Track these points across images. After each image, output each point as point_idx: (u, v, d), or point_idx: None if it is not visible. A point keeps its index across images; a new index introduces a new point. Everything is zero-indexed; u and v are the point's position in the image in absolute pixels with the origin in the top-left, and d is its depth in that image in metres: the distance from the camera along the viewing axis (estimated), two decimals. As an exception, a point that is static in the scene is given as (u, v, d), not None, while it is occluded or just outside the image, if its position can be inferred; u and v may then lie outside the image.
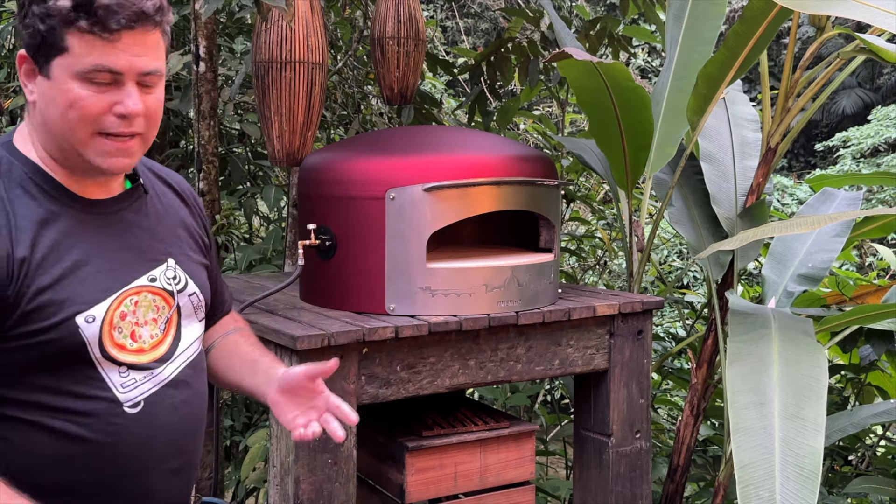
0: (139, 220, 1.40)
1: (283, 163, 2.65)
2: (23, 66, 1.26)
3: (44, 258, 1.23)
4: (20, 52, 1.25)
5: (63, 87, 1.23)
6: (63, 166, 1.31)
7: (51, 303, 1.22)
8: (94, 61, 1.22)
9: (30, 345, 1.22)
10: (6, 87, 3.62)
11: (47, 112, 1.25)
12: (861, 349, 3.32)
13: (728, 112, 3.31)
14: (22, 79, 1.27)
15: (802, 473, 1.90)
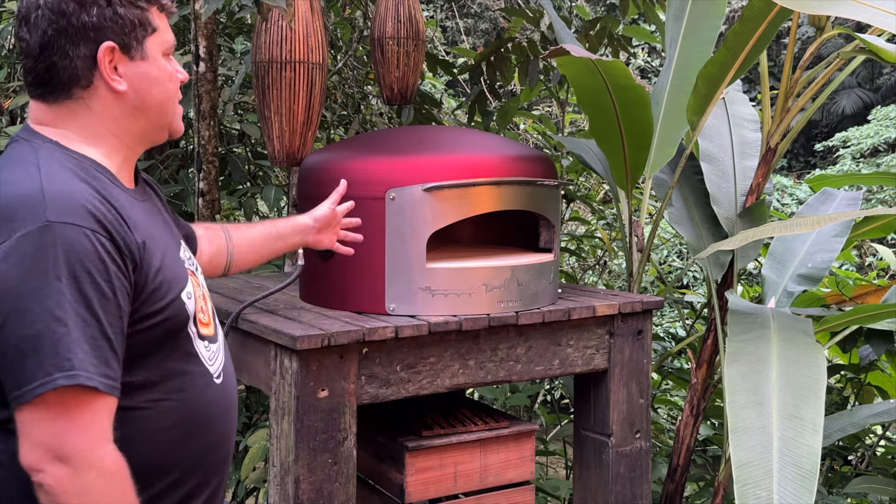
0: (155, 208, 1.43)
1: (283, 163, 2.65)
2: (109, 60, 1.25)
3: (147, 242, 1.25)
4: (106, 45, 1.24)
5: (160, 64, 1.31)
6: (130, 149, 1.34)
7: (164, 282, 1.26)
8: (170, 38, 1.33)
9: (151, 326, 1.23)
10: (6, 87, 3.62)
11: (150, 92, 1.30)
12: (861, 349, 3.33)
13: (728, 112, 3.31)
14: (107, 73, 1.26)
15: (800, 473, 1.90)
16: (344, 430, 2.05)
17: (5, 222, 1.11)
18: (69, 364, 1.06)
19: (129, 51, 1.26)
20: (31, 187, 1.14)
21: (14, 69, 3.70)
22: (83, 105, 1.27)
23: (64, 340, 1.07)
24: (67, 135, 1.27)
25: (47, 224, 1.10)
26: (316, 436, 2.00)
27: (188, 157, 3.90)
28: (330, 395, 2.02)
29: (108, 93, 1.27)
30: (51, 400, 1.07)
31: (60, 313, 1.07)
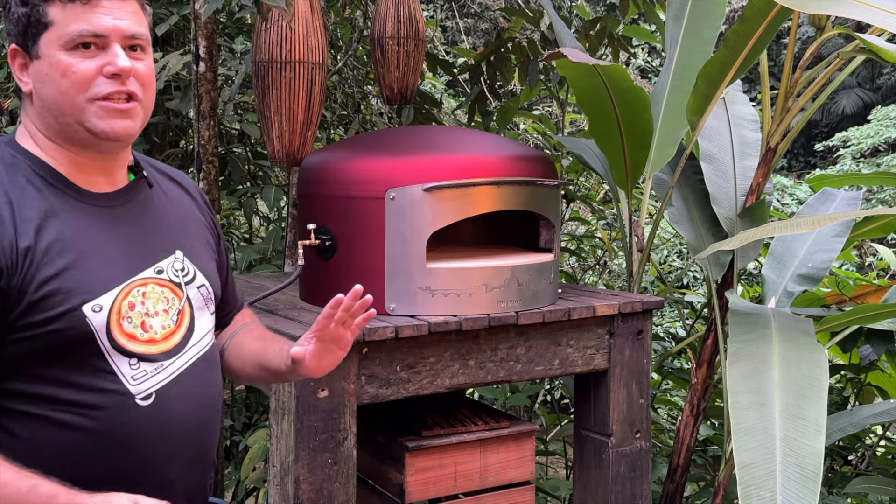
0: (145, 213, 1.41)
1: (283, 163, 2.65)
2: (15, 61, 1.28)
3: (48, 248, 1.23)
4: (10, 47, 1.27)
5: (53, 60, 1.25)
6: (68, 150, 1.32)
7: (57, 292, 1.22)
8: (78, 27, 1.25)
9: (37, 335, 1.21)
10: (6, 87, 3.62)
11: (44, 90, 1.27)
12: (861, 349, 3.32)
13: (728, 112, 3.31)
14: (17, 74, 1.29)
15: (803, 473, 1.90)
16: (344, 430, 2.05)
17: None
18: None
19: (28, 50, 1.27)
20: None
21: (14, 69, 3.70)
22: (23, 106, 1.33)
23: None
24: (23, 132, 1.33)
25: None
26: (316, 436, 2.00)
27: (188, 157, 3.90)
28: (330, 395, 2.02)
29: (26, 94, 1.31)
30: None
31: None
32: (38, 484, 1.16)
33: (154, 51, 3.48)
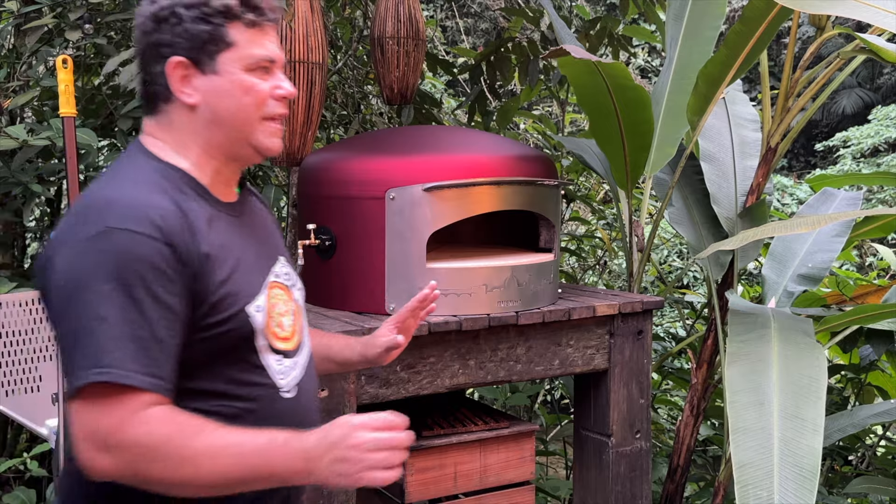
0: (254, 221, 1.47)
1: (283, 163, 2.65)
2: (177, 72, 1.31)
3: (218, 254, 1.29)
4: (173, 59, 1.30)
5: (235, 78, 1.32)
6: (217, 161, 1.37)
7: (228, 295, 1.28)
8: (260, 52, 1.33)
9: (213, 335, 1.26)
10: (6, 87, 3.62)
11: (221, 105, 1.32)
12: (861, 349, 3.32)
13: (728, 112, 3.31)
14: (177, 85, 1.31)
15: (801, 473, 1.90)
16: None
17: (75, 226, 1.20)
18: (108, 361, 1.11)
19: (200, 65, 1.31)
20: (105, 195, 1.23)
21: (14, 69, 3.69)
22: (168, 118, 1.34)
23: (105, 338, 1.12)
24: (161, 146, 1.34)
25: (107, 229, 1.17)
26: (316, 436, 2.00)
27: (188, 156, 3.90)
28: (330, 395, 2.02)
29: (184, 106, 1.33)
30: (92, 393, 1.12)
31: (105, 312, 1.13)
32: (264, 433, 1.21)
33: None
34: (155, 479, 1.15)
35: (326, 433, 1.19)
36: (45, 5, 3.45)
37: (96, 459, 1.14)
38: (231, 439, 1.18)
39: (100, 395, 1.12)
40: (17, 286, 3.09)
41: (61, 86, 2.28)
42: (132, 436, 1.13)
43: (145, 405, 1.14)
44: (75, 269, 1.15)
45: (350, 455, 1.17)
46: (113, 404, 1.12)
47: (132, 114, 3.59)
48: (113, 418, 1.13)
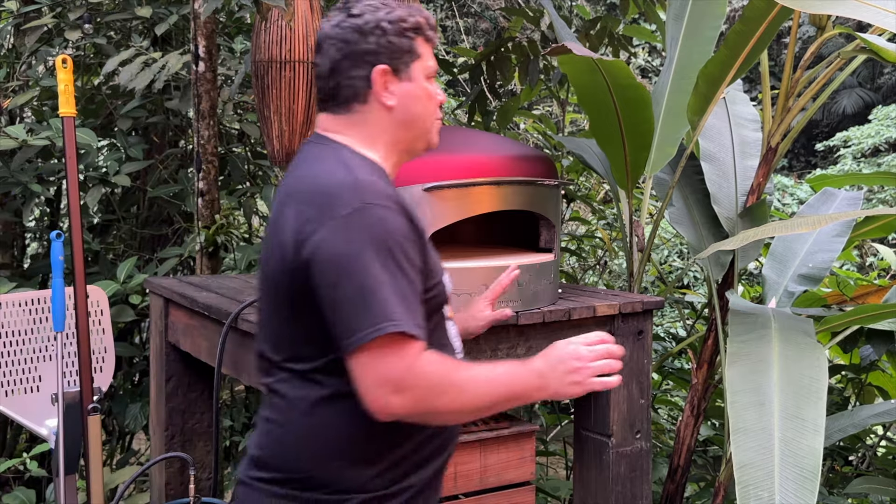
0: None
1: (283, 162, 2.64)
2: (382, 78, 1.47)
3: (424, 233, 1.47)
4: (379, 67, 1.46)
5: (422, 85, 1.51)
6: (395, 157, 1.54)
7: (435, 265, 1.48)
8: (434, 64, 1.55)
9: (426, 300, 1.42)
10: (6, 87, 3.61)
11: (413, 108, 1.51)
12: (861, 349, 3.32)
13: (728, 112, 3.31)
14: (380, 91, 1.47)
15: (802, 474, 1.90)
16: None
17: (331, 205, 1.33)
18: (394, 315, 1.27)
19: (397, 72, 1.48)
20: (348, 177, 1.38)
21: (14, 69, 3.69)
22: (361, 117, 1.49)
23: (386, 296, 1.28)
24: (352, 141, 1.49)
25: (366, 205, 1.33)
26: (315, 436, 2.00)
27: (188, 156, 3.90)
28: (329, 395, 2.01)
29: (380, 107, 1.49)
30: (381, 344, 1.27)
31: (380, 275, 1.29)
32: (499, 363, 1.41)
33: (153, 50, 3.48)
34: (441, 411, 1.32)
35: (549, 353, 1.40)
36: (44, 5, 3.45)
37: (391, 401, 1.28)
38: (483, 370, 1.37)
39: (389, 345, 1.27)
40: (16, 286, 3.09)
41: (61, 86, 2.28)
42: (422, 376, 1.29)
43: (421, 351, 1.31)
44: (345, 242, 1.30)
45: (577, 366, 1.38)
46: (402, 352, 1.28)
47: (132, 114, 3.59)
48: (404, 363, 1.28)
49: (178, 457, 2.45)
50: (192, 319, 2.54)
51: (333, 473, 1.37)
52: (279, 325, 1.42)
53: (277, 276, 1.39)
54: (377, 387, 1.28)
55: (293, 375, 1.40)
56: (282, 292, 1.38)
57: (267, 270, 1.44)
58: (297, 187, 1.41)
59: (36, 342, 2.61)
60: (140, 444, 4.00)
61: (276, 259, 1.39)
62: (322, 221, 1.32)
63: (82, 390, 2.31)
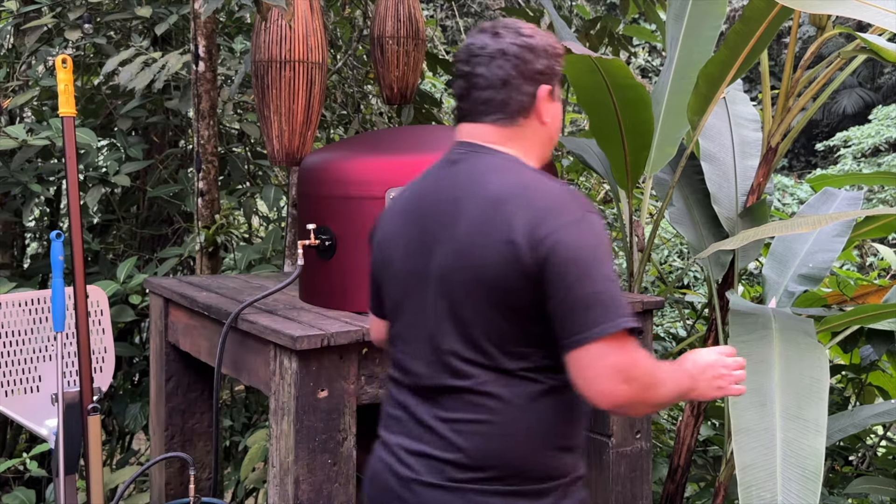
0: None
1: (283, 162, 2.64)
2: (546, 97, 1.56)
3: None
4: (545, 87, 1.55)
5: (559, 106, 1.63)
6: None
7: None
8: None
9: None
10: (6, 87, 3.61)
11: (555, 126, 1.61)
12: (862, 349, 3.32)
13: (728, 112, 3.30)
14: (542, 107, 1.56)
15: (804, 474, 1.90)
16: (344, 431, 2.04)
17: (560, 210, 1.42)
18: (628, 312, 1.37)
19: (553, 94, 1.58)
20: (558, 186, 1.47)
21: (14, 69, 3.69)
22: (522, 131, 1.56)
23: (619, 295, 1.38)
24: (516, 152, 1.56)
25: (587, 213, 1.43)
26: (315, 436, 2.00)
27: (187, 156, 3.90)
28: (330, 395, 2.01)
29: (538, 123, 1.57)
30: (619, 337, 1.36)
31: (611, 275, 1.39)
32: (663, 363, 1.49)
33: (153, 50, 3.48)
34: (648, 402, 1.41)
35: (697, 360, 1.54)
36: (44, 5, 3.45)
37: (619, 389, 1.35)
38: (666, 368, 1.48)
39: (623, 339, 1.36)
40: (16, 286, 3.09)
41: (61, 85, 2.28)
42: (643, 369, 1.39)
43: (638, 347, 1.40)
44: (581, 244, 1.39)
45: (723, 373, 1.55)
46: (631, 346, 1.37)
47: (132, 114, 3.59)
48: (632, 356, 1.37)
49: (178, 457, 2.45)
50: (192, 319, 2.54)
51: (544, 463, 1.45)
52: (496, 325, 1.43)
53: (502, 277, 1.41)
54: (611, 376, 1.36)
55: (504, 374, 1.43)
56: (511, 293, 1.41)
57: (480, 272, 1.42)
58: (510, 192, 1.44)
59: (36, 342, 2.61)
60: (140, 444, 4.00)
61: (499, 260, 1.41)
62: (555, 225, 1.40)
63: (82, 390, 2.31)
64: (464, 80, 1.55)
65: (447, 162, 1.57)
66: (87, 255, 3.54)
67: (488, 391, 1.43)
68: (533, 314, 1.41)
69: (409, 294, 1.53)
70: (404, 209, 1.58)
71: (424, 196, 1.55)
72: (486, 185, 1.47)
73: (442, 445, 1.45)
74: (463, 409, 1.45)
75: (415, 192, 1.59)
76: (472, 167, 1.52)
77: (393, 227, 1.59)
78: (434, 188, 1.54)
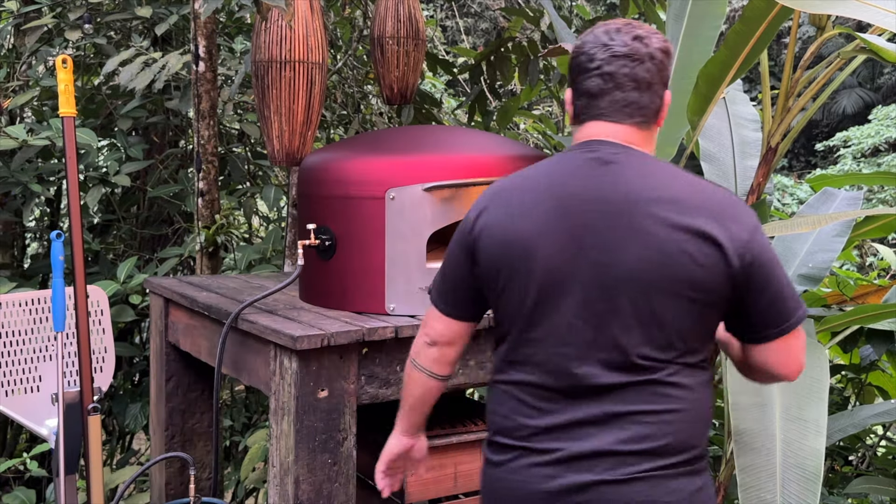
0: None
1: (283, 162, 2.64)
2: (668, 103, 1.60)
3: None
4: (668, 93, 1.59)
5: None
6: None
7: None
8: None
9: None
10: (6, 87, 3.61)
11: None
12: (861, 349, 3.32)
13: (728, 112, 3.30)
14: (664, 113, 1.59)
15: (804, 475, 1.90)
16: (344, 431, 2.04)
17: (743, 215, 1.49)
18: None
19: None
20: (726, 191, 1.54)
21: (14, 69, 3.69)
22: (652, 134, 1.59)
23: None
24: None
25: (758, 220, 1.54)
26: (316, 436, 2.00)
27: (187, 156, 3.90)
28: (330, 395, 2.01)
29: (657, 128, 1.60)
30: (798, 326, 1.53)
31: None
32: None
33: (153, 50, 3.48)
34: None
35: None
36: (45, 5, 3.45)
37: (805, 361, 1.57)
38: None
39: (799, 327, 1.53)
40: (17, 286, 3.09)
41: (61, 86, 2.28)
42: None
43: None
44: (768, 245, 1.50)
45: None
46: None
47: (132, 114, 3.59)
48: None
49: (178, 457, 2.45)
50: (193, 319, 2.54)
51: (706, 440, 1.54)
52: (688, 322, 1.47)
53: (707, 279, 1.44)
54: (803, 352, 1.56)
55: (686, 367, 1.49)
56: (712, 293, 1.46)
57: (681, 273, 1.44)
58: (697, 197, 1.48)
59: (36, 342, 2.61)
60: (140, 444, 4.00)
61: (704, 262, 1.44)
62: (750, 228, 1.48)
63: (82, 390, 2.31)
64: (602, 78, 1.52)
65: (596, 161, 1.51)
66: (87, 255, 3.55)
67: (675, 381, 1.48)
68: (723, 311, 1.50)
69: (561, 294, 1.47)
70: (545, 208, 1.49)
71: (574, 195, 1.49)
72: (665, 187, 1.48)
73: (626, 438, 1.45)
74: (648, 400, 1.46)
75: (553, 190, 1.51)
76: (636, 168, 1.50)
77: (532, 226, 1.49)
78: (590, 187, 1.49)
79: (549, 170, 1.54)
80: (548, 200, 1.49)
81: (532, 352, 1.51)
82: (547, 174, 1.53)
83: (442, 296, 1.64)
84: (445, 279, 1.63)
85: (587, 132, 1.55)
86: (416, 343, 1.73)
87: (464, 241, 1.57)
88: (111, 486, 2.85)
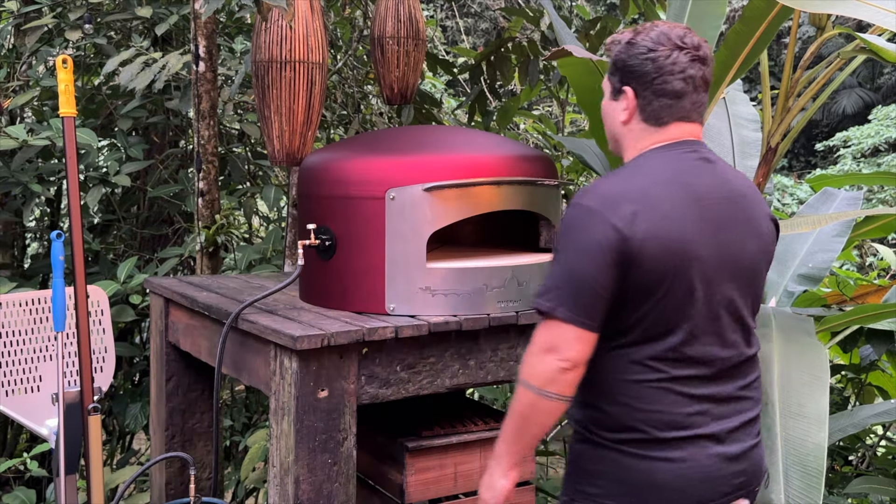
0: None
1: (283, 162, 2.64)
2: None
3: None
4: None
5: None
6: None
7: None
8: None
9: None
10: (6, 87, 3.62)
11: None
12: (861, 349, 3.32)
13: (728, 112, 3.31)
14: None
15: (807, 472, 1.90)
16: (344, 431, 2.04)
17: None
18: None
19: None
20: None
21: (14, 69, 3.69)
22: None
23: None
24: None
25: None
26: (316, 436, 2.00)
27: (188, 156, 3.90)
28: (330, 395, 2.02)
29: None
30: None
31: None
32: None
33: (153, 50, 3.48)
34: None
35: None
36: (45, 5, 3.45)
37: None
38: None
39: None
40: (17, 286, 3.09)
41: (61, 86, 2.28)
42: None
43: None
44: None
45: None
46: None
47: (132, 114, 3.59)
48: None
49: (178, 457, 2.45)
50: (193, 319, 2.55)
51: None
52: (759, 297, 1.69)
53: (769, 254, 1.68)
54: None
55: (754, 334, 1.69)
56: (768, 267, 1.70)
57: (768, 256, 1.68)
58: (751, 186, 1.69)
59: (36, 342, 2.61)
60: (140, 444, 4.00)
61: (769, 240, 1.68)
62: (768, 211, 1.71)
63: (82, 390, 2.31)
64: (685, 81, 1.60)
65: (703, 161, 1.63)
66: (87, 255, 3.55)
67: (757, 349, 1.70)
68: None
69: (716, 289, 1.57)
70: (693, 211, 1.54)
71: (704, 196, 1.57)
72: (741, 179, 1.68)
73: (750, 406, 1.64)
74: (755, 369, 1.68)
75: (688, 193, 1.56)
76: (725, 164, 1.67)
77: (690, 229, 1.53)
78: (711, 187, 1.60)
79: (671, 171, 1.59)
80: (692, 203, 1.56)
81: (691, 346, 1.56)
82: (673, 176, 1.58)
83: (583, 310, 1.50)
84: (582, 291, 1.49)
85: (674, 133, 1.62)
86: (540, 373, 1.54)
87: (616, 247, 1.48)
88: (111, 486, 2.85)
